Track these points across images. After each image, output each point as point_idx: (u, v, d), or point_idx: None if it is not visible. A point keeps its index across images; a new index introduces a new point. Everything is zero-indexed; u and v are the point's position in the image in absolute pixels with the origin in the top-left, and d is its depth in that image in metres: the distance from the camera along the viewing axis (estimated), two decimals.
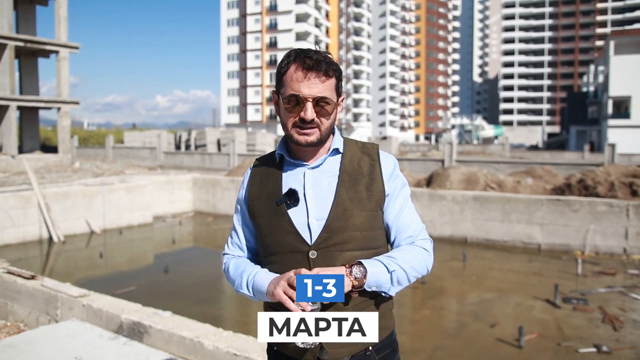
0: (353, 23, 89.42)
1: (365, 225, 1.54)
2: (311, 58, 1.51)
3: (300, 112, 1.50)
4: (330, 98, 1.52)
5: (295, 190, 1.55)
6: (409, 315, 8.55)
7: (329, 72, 1.53)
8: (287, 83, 1.52)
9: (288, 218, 1.54)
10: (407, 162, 22.75)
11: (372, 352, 1.57)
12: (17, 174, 20.13)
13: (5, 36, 23.39)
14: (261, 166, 1.68)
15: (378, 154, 1.64)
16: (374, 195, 1.57)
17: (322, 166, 1.60)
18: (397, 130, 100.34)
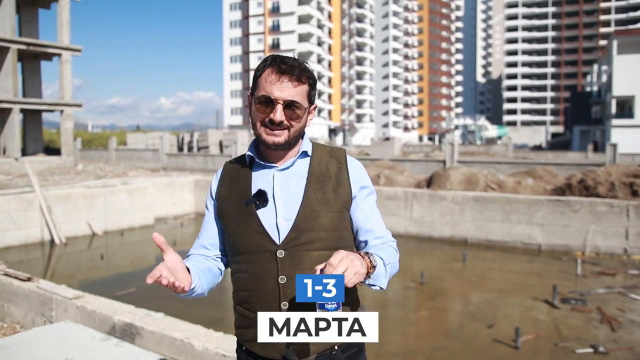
0: (356, 24, 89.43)
1: (332, 226, 1.58)
2: (286, 63, 1.55)
3: (270, 114, 1.54)
4: (300, 103, 1.56)
5: (264, 191, 1.59)
6: (408, 316, 8.56)
7: (302, 78, 1.56)
8: (260, 85, 1.56)
9: (257, 218, 1.57)
10: (409, 163, 22.75)
11: (337, 351, 1.59)
12: (20, 176, 20.22)
13: (8, 39, 23.51)
14: (231, 168, 1.71)
15: (345, 158, 1.68)
16: (340, 196, 1.61)
17: (291, 168, 1.63)
18: (400, 131, 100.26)
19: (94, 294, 5.11)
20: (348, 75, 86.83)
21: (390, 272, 1.58)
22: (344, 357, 1.61)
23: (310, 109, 1.64)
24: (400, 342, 7.19)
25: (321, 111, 77.31)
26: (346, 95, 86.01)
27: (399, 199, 14.93)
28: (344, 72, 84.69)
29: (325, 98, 78.60)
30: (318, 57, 75.63)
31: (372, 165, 19.33)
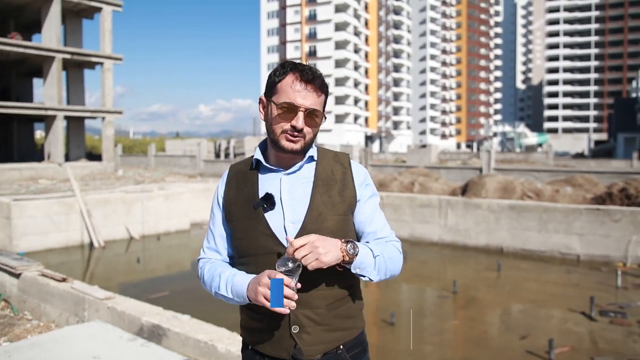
0: (392, 31, 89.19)
1: (338, 229, 1.62)
2: (308, 72, 1.61)
3: (291, 120, 1.59)
4: (320, 111, 1.63)
5: (271, 194, 1.62)
6: (438, 325, 8.45)
7: (323, 88, 1.64)
8: (282, 91, 1.60)
9: (265, 221, 1.60)
10: (445, 171, 22.48)
11: (343, 350, 1.64)
12: (64, 181, 20.89)
13: (54, 49, 24.39)
14: (237, 171, 1.75)
15: (349, 162, 1.73)
16: (346, 200, 1.66)
17: (297, 172, 1.67)
18: (437, 138, 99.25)
19: (129, 296, 5.24)
20: (385, 82, 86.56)
21: (384, 266, 1.60)
22: (349, 356, 1.65)
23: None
24: (429, 351, 7.10)
25: (357, 118, 77.27)
26: (383, 102, 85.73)
27: (433, 207, 14.78)
28: (380, 79, 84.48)
29: (361, 105, 78.55)
30: (355, 64, 75.71)
31: (407, 172, 19.20)
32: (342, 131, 72.04)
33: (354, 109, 75.48)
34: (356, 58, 75.61)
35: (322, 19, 73.58)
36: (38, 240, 13.31)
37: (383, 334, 7.79)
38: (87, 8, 27.00)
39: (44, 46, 24.43)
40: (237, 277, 1.59)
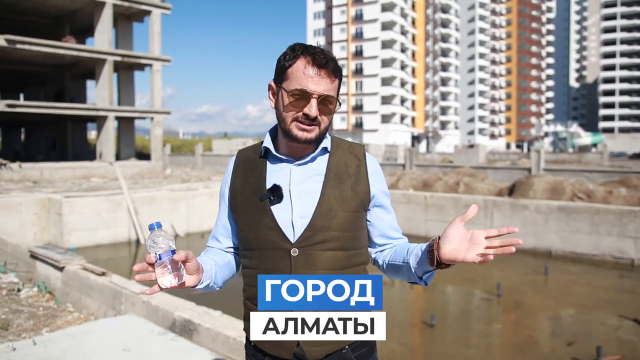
0: (440, 29, 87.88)
1: (348, 226, 1.52)
2: (320, 56, 1.49)
3: (304, 108, 1.48)
4: (334, 97, 1.51)
5: (279, 186, 1.53)
6: (480, 329, 8.21)
7: (336, 72, 1.52)
8: (293, 77, 1.49)
9: (271, 214, 1.51)
10: (492, 171, 21.93)
11: (348, 350, 1.54)
12: (114, 179, 21.53)
13: (106, 52, 25.20)
14: (245, 158, 1.65)
15: (364, 155, 1.62)
16: (358, 195, 1.55)
17: (309, 164, 1.57)
18: (486, 138, 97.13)
19: (173, 292, 5.29)
20: (432, 82, 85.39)
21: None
22: (355, 356, 1.55)
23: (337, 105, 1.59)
24: (469, 355, 6.90)
25: (404, 118, 76.55)
26: (430, 101, 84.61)
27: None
28: (427, 78, 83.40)
29: (408, 105, 77.76)
30: (401, 63, 75.03)
31: (452, 172, 18.84)
32: (388, 131, 71.49)
33: (401, 109, 74.77)
34: (403, 57, 74.89)
35: (369, 19, 73.23)
36: (87, 236, 13.74)
37: (422, 335, 7.64)
38: (137, 12, 27.77)
39: (96, 49, 25.28)
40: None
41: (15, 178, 20.73)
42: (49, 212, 13.97)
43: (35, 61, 26.74)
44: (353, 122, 75.32)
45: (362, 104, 74.35)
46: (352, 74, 74.84)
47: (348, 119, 75.59)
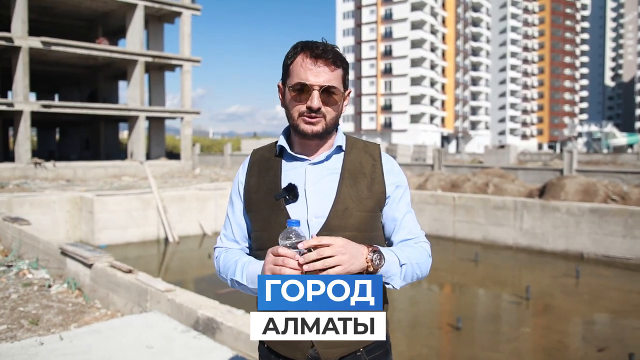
0: (471, 28, 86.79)
1: (364, 226, 1.51)
2: (318, 48, 1.49)
3: (307, 101, 1.48)
4: (337, 87, 1.50)
5: (295, 185, 1.52)
6: (507, 332, 8.07)
7: (337, 62, 1.50)
8: (293, 72, 1.50)
9: (286, 213, 1.50)
10: (522, 172, 21.55)
11: (362, 352, 1.52)
12: (144, 178, 21.88)
13: (137, 53, 25.63)
14: (259, 157, 1.65)
15: (380, 154, 1.61)
16: (374, 195, 1.54)
17: (324, 163, 1.56)
18: (518, 138, 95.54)
19: (199, 290, 5.35)
20: (462, 82, 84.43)
21: (410, 273, 1.50)
22: (369, 358, 1.53)
23: (345, 95, 1.57)
24: (497, 359, 6.79)
25: (433, 118, 75.88)
26: (460, 101, 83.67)
27: (508, 209, 14.20)
28: (458, 78, 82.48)
29: (438, 105, 77.05)
30: (431, 63, 74.39)
31: (481, 173, 18.57)
32: (417, 131, 70.96)
33: (430, 109, 74.13)
34: (432, 57, 74.23)
35: (398, 18, 72.79)
36: (118, 234, 13.99)
37: (448, 338, 7.55)
38: (168, 13, 28.18)
39: (128, 50, 25.75)
40: (252, 264, 1.51)
41: (49, 177, 21.25)
42: (81, 210, 14.28)
43: (70, 62, 27.37)
44: (382, 122, 74.99)
45: (391, 104, 73.96)
46: (381, 74, 74.52)
47: (377, 119, 75.30)
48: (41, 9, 25.88)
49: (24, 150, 22.45)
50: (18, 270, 7.49)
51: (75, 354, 3.71)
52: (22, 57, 22.48)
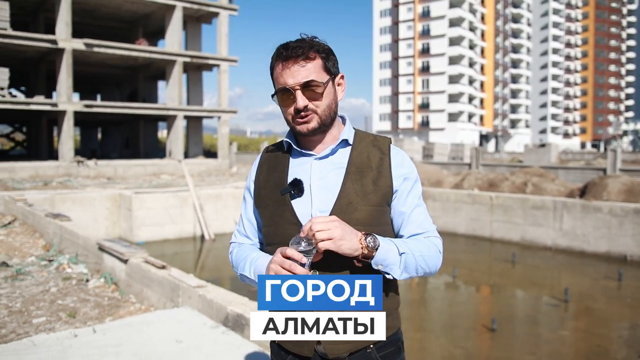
0: (511, 25, 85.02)
1: (369, 220, 1.49)
2: (288, 47, 1.49)
3: (294, 103, 1.49)
4: (317, 80, 1.48)
5: (300, 180, 1.53)
6: (544, 335, 7.87)
7: (310, 54, 1.49)
8: (275, 79, 1.52)
9: (291, 208, 1.52)
10: (563, 171, 21.00)
11: (373, 349, 1.51)
12: (182, 176, 22.25)
13: (175, 53, 26.09)
14: (269, 155, 1.66)
15: (389, 148, 1.59)
16: (380, 189, 1.52)
17: (330, 157, 1.57)
18: (559, 137, 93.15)
19: (234, 288, 5.40)
20: (502, 79, 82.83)
21: (413, 264, 1.47)
22: (380, 356, 1.52)
23: (337, 80, 1.57)
24: None
25: (472, 116, 74.74)
26: (499, 99, 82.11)
27: (547, 209, 13.85)
28: (497, 75, 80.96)
29: (476, 103, 75.84)
30: (470, 60, 73.27)
31: (520, 172, 18.18)
32: (455, 130, 70.01)
33: (468, 107, 73.03)
34: (471, 54, 73.08)
35: (436, 15, 71.92)
36: (155, 231, 14.27)
37: (482, 340, 7.41)
38: (206, 14, 28.58)
39: (167, 50, 26.23)
40: (260, 259, 1.52)
41: (91, 174, 21.85)
42: (120, 207, 14.63)
43: (111, 63, 28.06)
44: (419, 120, 74.27)
45: (428, 102, 73.18)
46: (418, 72, 73.78)
47: (414, 118, 74.62)
48: (84, 12, 26.62)
49: (67, 149, 23.14)
50: (58, 264, 7.73)
51: (107, 347, 3.80)
52: (66, 59, 23.18)
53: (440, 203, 16.24)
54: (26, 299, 5.87)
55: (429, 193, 16.54)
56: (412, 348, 7.38)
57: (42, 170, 21.08)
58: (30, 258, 8.30)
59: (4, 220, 11.53)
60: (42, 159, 26.55)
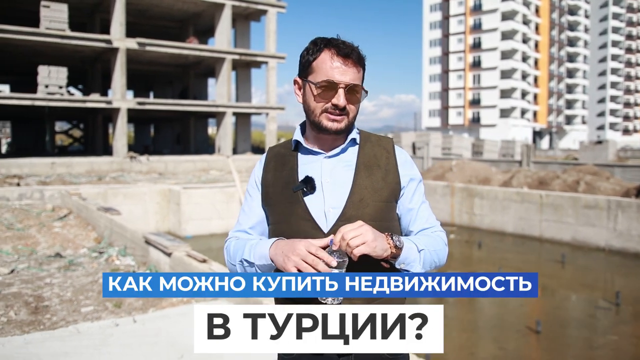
0: (567, 17, 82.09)
1: (379, 216, 1.53)
2: (346, 47, 1.53)
3: (332, 99, 1.52)
4: (360, 87, 1.55)
5: (311, 177, 1.56)
6: (592, 339, 7.61)
7: (361, 62, 1.56)
8: (319, 69, 1.54)
9: (304, 205, 1.54)
10: (619, 169, 20.18)
11: None
12: (230, 172, 22.66)
13: (225, 51, 26.56)
14: (275, 153, 1.69)
15: (393, 147, 1.65)
16: (389, 185, 1.58)
17: (340, 156, 1.60)
18: (619, 133, 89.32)
19: None
20: (557, 74, 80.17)
21: (428, 260, 1.52)
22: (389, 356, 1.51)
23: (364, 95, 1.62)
24: None
25: (525, 112, 72.70)
26: (554, 95, 79.52)
27: (600, 208, 13.34)
28: (552, 70, 78.41)
29: (530, 98, 73.72)
30: (523, 54, 71.25)
31: (572, 170, 17.59)
32: (507, 126, 68.29)
33: (521, 103, 71.07)
34: (525, 48, 71.04)
35: (488, 9, 70.25)
36: (202, 225, 14.61)
37: (526, 342, 7.24)
38: (254, 11, 28.95)
39: (216, 48, 26.75)
40: (263, 242, 1.52)
41: (143, 170, 22.55)
42: (169, 202, 15.04)
43: (163, 62, 28.83)
44: (470, 116, 72.85)
45: (479, 98, 71.68)
46: (469, 67, 72.36)
47: (464, 114, 73.26)
48: (137, 12, 27.44)
49: (120, 145, 23.97)
50: (108, 256, 8.04)
51: (145, 336, 3.94)
52: (120, 58, 23.99)
53: (488, 201, 15.91)
54: (76, 289, 6.14)
55: (475, 191, 16.23)
56: (453, 348, 7.29)
57: (97, 165, 21.92)
58: (83, 250, 8.67)
59: (60, 213, 12.07)
60: (97, 154, 27.60)
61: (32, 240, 9.22)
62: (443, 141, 36.28)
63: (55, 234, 9.88)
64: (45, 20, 21.90)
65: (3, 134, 48.61)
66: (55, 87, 22.29)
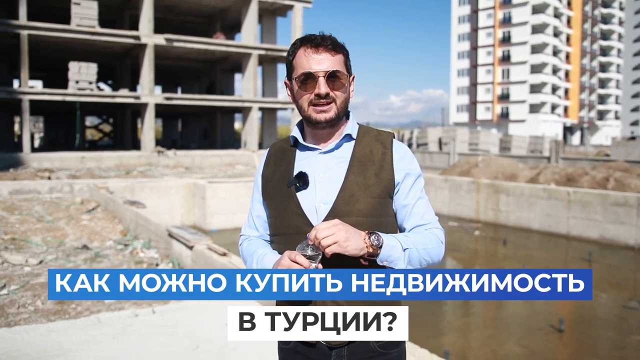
0: (600, 10, 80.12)
1: (371, 212, 1.55)
2: (317, 38, 1.58)
3: (314, 90, 1.55)
4: (341, 71, 1.57)
5: (305, 173, 1.59)
6: (618, 339, 7.47)
7: (336, 48, 1.59)
8: (297, 65, 1.58)
9: (296, 200, 1.58)
10: None
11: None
12: (255, 167, 22.82)
13: (251, 46, 26.70)
14: (277, 149, 1.73)
15: (391, 142, 1.65)
16: (382, 182, 1.58)
17: (334, 151, 1.63)
18: None
19: None
20: (589, 68, 78.41)
21: (416, 259, 1.52)
22: (378, 345, 1.56)
23: (350, 80, 1.63)
24: None
25: (555, 108, 71.34)
26: (586, 89, 77.79)
27: (630, 206, 13.04)
28: (584, 64, 76.72)
29: (560, 93, 72.28)
30: (554, 48, 69.87)
31: (602, 167, 17.21)
32: (537, 122, 67.11)
33: (551, 98, 69.72)
34: (556, 42, 69.62)
35: (518, 2, 69.05)
36: (226, 219, 14.76)
37: (548, 340, 7.15)
38: (280, 7, 29.01)
39: (243, 44, 26.90)
40: (266, 257, 1.59)
41: (170, 164, 22.87)
42: (194, 196, 15.24)
43: (190, 57, 29.13)
44: (498, 112, 71.83)
45: (508, 93, 70.57)
46: (498, 62, 71.26)
47: (493, 109, 72.25)
48: (165, 8, 27.77)
49: (148, 140, 24.34)
50: (132, 249, 8.21)
51: (164, 327, 4.03)
52: (148, 54, 24.33)
53: (514, 197, 15.70)
54: None
55: (501, 187, 16.03)
56: (475, 345, 7.25)
57: (125, 159, 22.32)
58: (109, 242, 8.86)
59: (89, 206, 12.36)
60: (126, 149, 28.08)
61: (61, 232, 9.47)
62: (470, 137, 35.90)
63: (83, 227, 10.12)
64: (76, 17, 22.35)
65: (36, 128, 49.81)
66: (86, 82, 22.74)
